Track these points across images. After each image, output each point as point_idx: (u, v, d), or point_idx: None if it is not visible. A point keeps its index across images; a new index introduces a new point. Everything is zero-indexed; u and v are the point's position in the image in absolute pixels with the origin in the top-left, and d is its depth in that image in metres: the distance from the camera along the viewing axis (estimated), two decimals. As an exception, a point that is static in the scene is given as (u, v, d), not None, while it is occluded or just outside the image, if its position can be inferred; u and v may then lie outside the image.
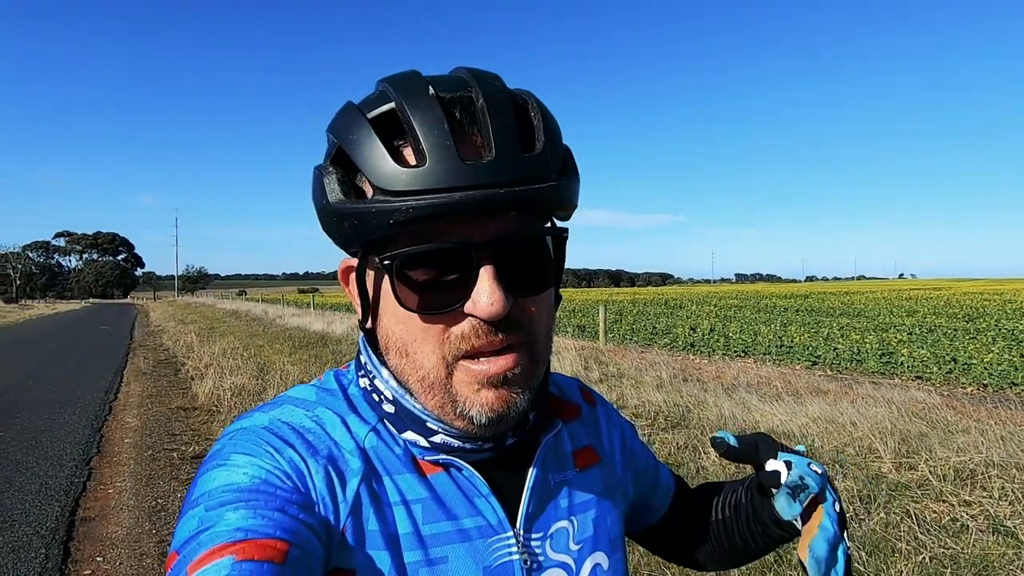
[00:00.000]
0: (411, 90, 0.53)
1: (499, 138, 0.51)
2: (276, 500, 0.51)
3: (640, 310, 26.80)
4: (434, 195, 0.49)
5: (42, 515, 4.08)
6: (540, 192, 0.52)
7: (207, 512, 0.49)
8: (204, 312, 30.86)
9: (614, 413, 0.81)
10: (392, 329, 0.57)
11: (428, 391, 0.56)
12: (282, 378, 8.24)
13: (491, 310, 0.51)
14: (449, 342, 0.54)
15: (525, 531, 0.61)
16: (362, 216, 0.52)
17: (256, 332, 17.09)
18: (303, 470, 0.54)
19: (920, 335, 13.83)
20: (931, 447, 4.49)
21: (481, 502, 0.60)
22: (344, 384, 0.65)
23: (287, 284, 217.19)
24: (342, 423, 0.60)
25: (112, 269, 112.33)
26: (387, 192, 0.51)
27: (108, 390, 8.81)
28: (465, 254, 0.52)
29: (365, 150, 0.53)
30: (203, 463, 0.56)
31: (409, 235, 0.53)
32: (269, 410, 0.61)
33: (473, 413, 0.55)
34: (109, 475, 4.97)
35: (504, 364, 0.54)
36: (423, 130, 0.51)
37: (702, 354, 11.62)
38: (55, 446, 5.78)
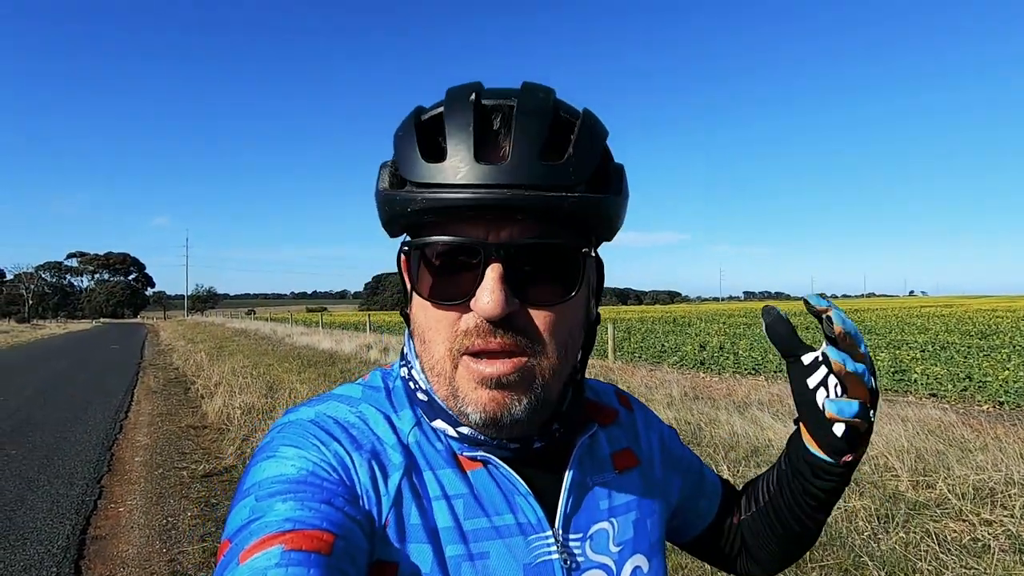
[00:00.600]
0: (456, 96, 0.57)
1: (519, 144, 0.53)
2: (323, 492, 0.52)
3: (648, 328, 26.69)
4: (447, 190, 0.53)
5: (53, 533, 4.08)
6: (551, 200, 0.52)
7: (258, 502, 0.51)
8: (213, 331, 30.99)
9: (653, 417, 0.81)
10: (417, 315, 0.60)
11: (437, 380, 0.58)
12: (291, 396, 8.24)
13: (487, 308, 0.52)
14: (455, 335, 0.56)
15: (564, 531, 0.62)
16: (391, 202, 0.56)
17: (265, 351, 17.13)
18: (348, 463, 0.56)
19: (933, 352, 13.66)
20: (949, 465, 4.42)
21: (520, 500, 0.61)
22: (388, 382, 0.67)
23: (296, 303, 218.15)
24: (385, 419, 0.61)
25: (123, 289, 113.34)
26: (411, 183, 0.55)
27: (119, 408, 8.84)
28: (475, 251, 0.54)
29: (402, 145, 0.57)
30: (253, 455, 0.58)
31: (433, 227, 0.56)
32: (315, 405, 0.63)
33: (469, 410, 0.56)
34: (120, 493, 4.96)
35: (500, 368, 0.54)
36: (450, 131, 0.55)
37: (712, 372, 11.53)
38: (66, 464, 5.79)
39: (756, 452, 5.22)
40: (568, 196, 0.53)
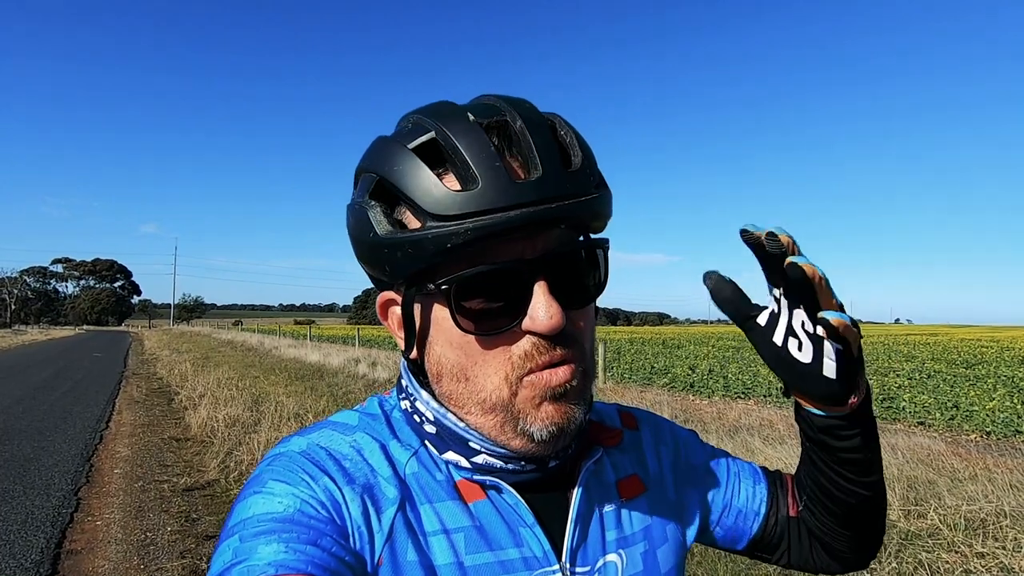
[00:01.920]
0: (450, 118, 0.55)
1: (543, 156, 0.53)
2: (310, 532, 0.50)
3: (638, 349, 26.71)
4: (490, 215, 0.50)
5: (27, 546, 3.95)
6: (585, 205, 0.54)
7: (242, 543, 0.49)
8: (199, 341, 30.63)
9: (664, 428, 0.77)
10: (447, 356, 0.57)
11: (488, 412, 0.56)
12: (277, 410, 8.11)
13: (550, 324, 0.52)
14: (511, 362, 0.54)
15: (571, 564, 0.59)
16: (418, 243, 0.52)
17: (252, 363, 16.93)
18: (339, 499, 0.53)
19: (920, 380, 13.74)
20: (940, 495, 4.40)
21: (526, 532, 0.58)
22: (387, 409, 0.65)
23: (284, 315, 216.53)
24: (381, 449, 0.59)
25: (108, 296, 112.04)
26: (440, 217, 0.51)
27: (100, 419, 8.65)
28: (519, 272, 0.53)
29: (414, 178, 0.53)
30: (243, 488, 0.55)
31: (457, 260, 0.53)
32: (308, 434, 0.60)
33: (534, 429, 0.55)
34: (98, 506, 4.83)
35: (563, 375, 0.55)
36: (470, 154, 0.52)
37: (701, 395, 11.52)
38: (43, 475, 5.64)
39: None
40: (593, 198, 0.55)
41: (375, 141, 0.59)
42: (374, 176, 0.56)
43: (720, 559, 3.48)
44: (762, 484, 0.76)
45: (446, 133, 0.53)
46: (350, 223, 0.59)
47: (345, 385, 11.50)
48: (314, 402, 9.17)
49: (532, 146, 0.53)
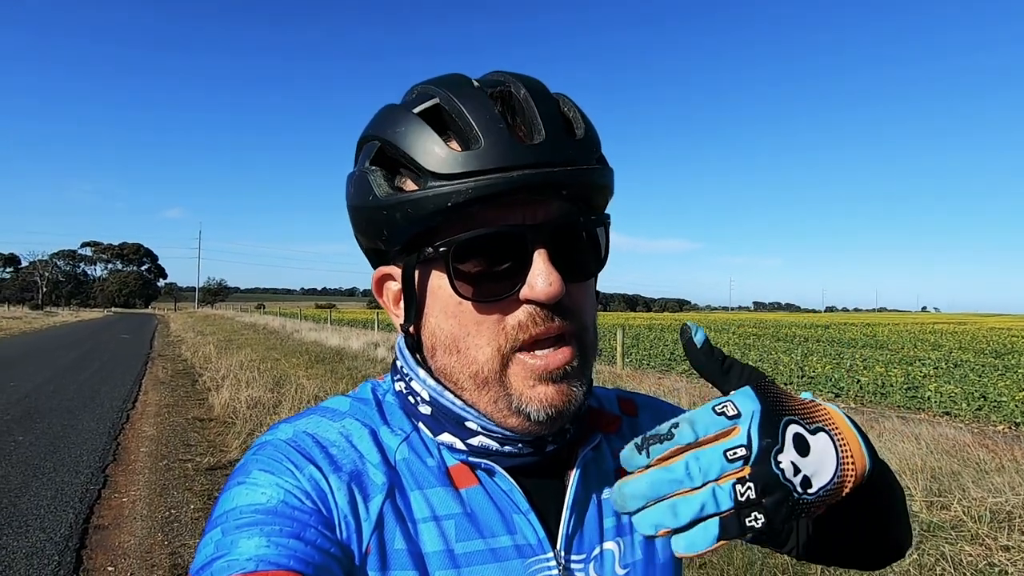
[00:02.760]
0: (455, 84, 0.55)
1: (547, 123, 0.52)
2: (294, 524, 0.49)
3: (657, 335, 26.56)
4: (492, 175, 0.50)
5: (56, 521, 4.07)
6: (587, 173, 0.53)
7: (224, 536, 0.48)
8: (223, 324, 31.19)
9: (666, 412, 0.74)
10: (441, 326, 0.56)
11: (481, 387, 0.55)
12: (297, 392, 8.23)
13: (549, 291, 0.51)
14: (505, 332, 0.53)
15: (566, 552, 0.58)
16: (418, 203, 0.51)
17: (273, 345, 17.19)
18: (324, 488, 0.52)
19: (947, 370, 13.47)
20: (964, 486, 4.32)
21: (519, 519, 0.57)
22: (379, 394, 0.64)
23: (305, 299, 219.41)
24: (371, 435, 0.58)
25: (135, 279, 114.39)
26: (442, 176, 0.51)
27: (126, 398, 8.87)
28: (520, 237, 0.52)
29: (416, 138, 0.53)
30: (229, 477, 0.55)
31: (457, 223, 0.52)
32: (296, 421, 0.59)
33: (531, 410, 0.53)
34: (124, 483, 4.96)
35: (562, 357, 0.53)
36: (475, 115, 0.52)
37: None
38: (72, 452, 5.80)
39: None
40: (597, 169, 0.54)
41: (380, 110, 0.59)
42: (376, 143, 0.56)
43: (736, 546, 3.45)
44: None
45: (450, 97, 0.53)
46: (349, 192, 0.58)
47: (364, 368, 11.62)
48: (334, 384, 9.29)
49: (536, 113, 0.53)
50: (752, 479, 0.40)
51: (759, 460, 0.40)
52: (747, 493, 0.39)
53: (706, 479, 0.40)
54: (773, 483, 0.40)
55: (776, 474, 0.40)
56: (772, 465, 0.40)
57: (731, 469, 0.40)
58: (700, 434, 0.41)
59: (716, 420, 0.42)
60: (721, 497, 0.39)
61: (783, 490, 0.40)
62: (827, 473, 0.42)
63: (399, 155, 0.53)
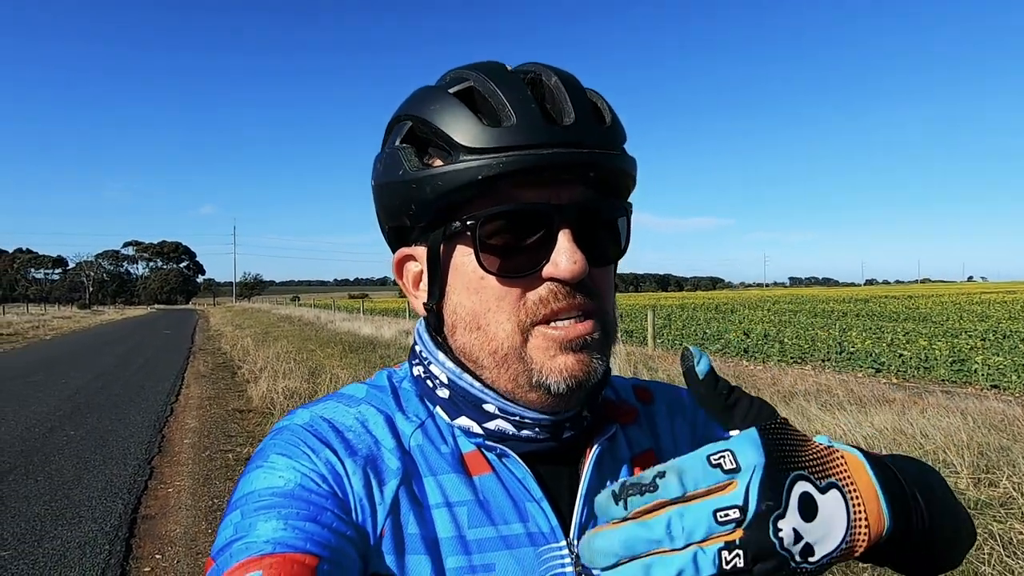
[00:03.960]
0: (488, 68, 0.57)
1: (577, 107, 0.54)
2: (310, 507, 0.50)
3: (689, 315, 26.23)
4: (523, 151, 0.51)
5: (107, 512, 4.25)
6: (616, 159, 0.55)
7: (243, 519, 0.49)
8: (259, 317, 31.96)
9: (683, 399, 0.72)
10: (463, 303, 0.56)
11: (501, 364, 0.55)
12: (332, 382, 8.40)
13: (573, 269, 0.52)
14: (525, 308, 0.54)
15: (579, 541, 0.56)
16: (448, 176, 0.52)
17: (308, 336, 17.54)
18: (340, 471, 0.53)
19: (995, 341, 12.96)
20: (1014, 462, 4.15)
21: (532, 507, 0.57)
22: (395, 381, 0.64)
23: (338, 290, 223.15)
24: (386, 421, 0.58)
25: (176, 276, 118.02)
26: (473, 151, 0.52)
27: (170, 392, 9.18)
28: (547, 215, 0.53)
29: (449, 115, 0.54)
30: (249, 461, 0.56)
31: (485, 200, 0.53)
32: (313, 407, 0.60)
33: (551, 381, 0.54)
34: (169, 474, 5.14)
35: (583, 328, 0.54)
36: (508, 95, 0.53)
37: (756, 360, 11.22)
38: (120, 445, 6.04)
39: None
40: (624, 155, 0.57)
41: (416, 89, 0.60)
42: (407, 122, 0.57)
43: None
44: None
45: (484, 79, 0.55)
46: (377, 171, 0.59)
47: (397, 357, 11.77)
48: (367, 374, 9.42)
49: (566, 98, 0.54)
50: (743, 545, 0.34)
51: (754, 526, 0.35)
52: (734, 561, 0.34)
53: (689, 540, 0.34)
54: (767, 552, 0.34)
55: (772, 543, 0.35)
56: (770, 532, 0.35)
57: (720, 532, 0.34)
58: (688, 488, 0.35)
59: (709, 473, 0.36)
60: (703, 563, 0.34)
61: (778, 560, 0.35)
62: (834, 540, 0.37)
63: (431, 132, 0.55)
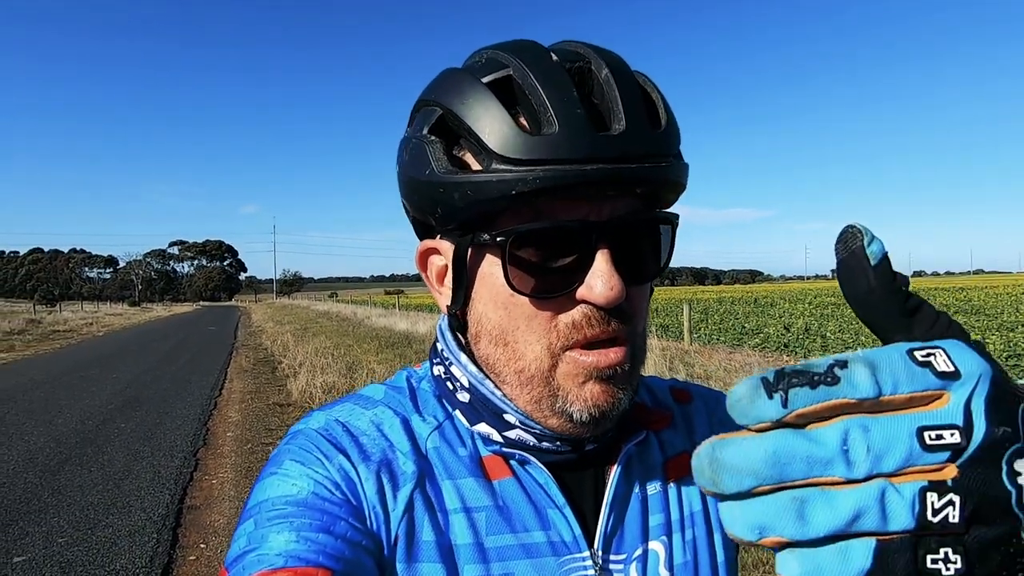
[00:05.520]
0: (531, 55, 0.50)
1: (629, 110, 0.48)
2: (323, 517, 0.49)
3: (727, 309, 25.72)
4: (563, 165, 0.46)
5: (155, 502, 4.41)
6: (666, 171, 0.50)
7: (256, 529, 0.48)
8: (299, 313, 32.69)
9: (723, 401, 0.67)
10: (488, 315, 0.53)
11: (526, 384, 0.52)
12: (368, 376, 8.53)
13: (610, 295, 0.48)
14: (557, 331, 0.51)
15: (604, 551, 0.55)
16: (479, 186, 0.48)
17: (346, 332, 17.86)
18: (353, 478, 0.52)
19: (1055, 335, 12.32)
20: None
21: (554, 514, 0.54)
22: (414, 383, 0.62)
23: (374, 286, 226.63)
24: (402, 423, 0.56)
25: (219, 274, 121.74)
26: (508, 160, 0.47)
27: (214, 387, 9.46)
28: (584, 235, 0.49)
29: (483, 113, 0.49)
30: (264, 466, 0.55)
31: (517, 211, 0.49)
32: (328, 409, 0.59)
33: (574, 410, 0.51)
34: (213, 466, 5.30)
35: (615, 357, 0.50)
36: (550, 95, 0.47)
37: (797, 355, 10.93)
38: (167, 438, 6.26)
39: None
40: (675, 165, 0.51)
41: (442, 73, 0.55)
42: (436, 109, 0.52)
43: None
44: None
45: (525, 71, 0.49)
46: (403, 159, 0.55)
47: (432, 352, 11.87)
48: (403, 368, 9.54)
49: (618, 98, 0.49)
50: (960, 488, 0.22)
51: (980, 458, 0.22)
52: (945, 512, 0.22)
53: (876, 469, 0.22)
54: (996, 504, 0.22)
55: (1007, 491, 0.22)
56: (1003, 473, 0.22)
57: (924, 463, 0.22)
58: (884, 389, 0.23)
59: (914, 372, 0.23)
60: (894, 509, 0.22)
61: (1010, 522, 0.22)
62: None
63: (462, 128, 0.50)
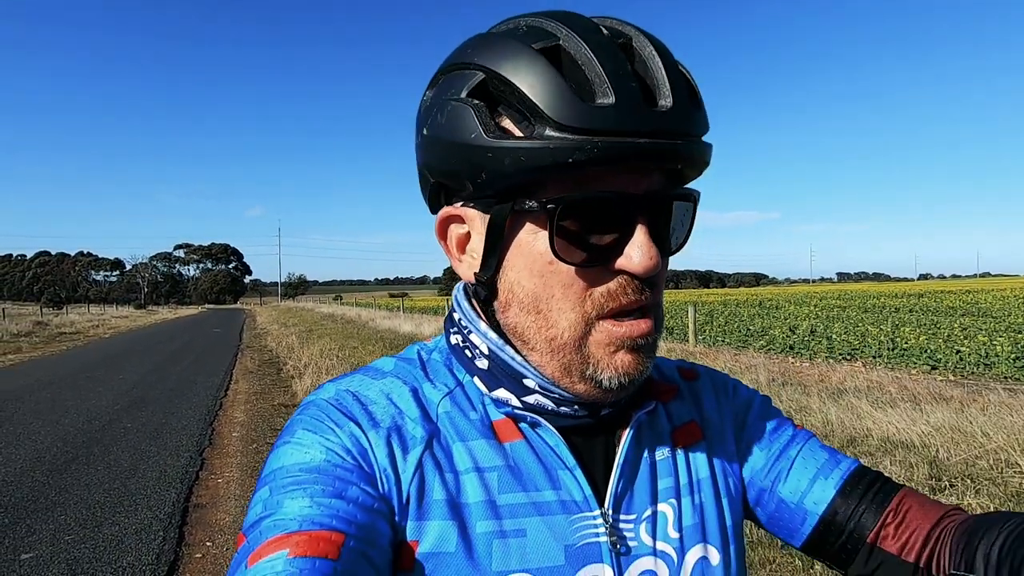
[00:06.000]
0: (580, 25, 0.50)
1: (674, 87, 0.49)
2: (336, 483, 0.50)
3: (732, 311, 25.65)
4: (620, 137, 0.47)
5: (161, 500, 4.42)
6: (705, 150, 0.52)
7: (271, 495, 0.49)
8: (304, 316, 32.76)
9: (729, 384, 0.70)
10: (522, 283, 0.53)
11: (557, 351, 0.53)
12: (374, 377, 8.52)
13: (648, 264, 0.49)
14: (592, 300, 0.51)
15: (614, 511, 0.56)
16: (534, 152, 0.47)
17: (351, 334, 17.88)
18: (364, 444, 0.53)
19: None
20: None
21: (565, 475, 0.55)
22: (424, 355, 0.63)
23: (379, 289, 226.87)
24: (412, 392, 0.58)
25: (224, 277, 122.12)
26: (566, 128, 0.47)
27: (219, 387, 9.49)
28: (627, 207, 0.50)
29: (539, 79, 0.48)
30: (279, 435, 0.56)
31: (559, 181, 0.50)
32: (339, 380, 0.60)
33: (604, 377, 0.52)
34: (219, 465, 5.32)
35: (645, 327, 0.52)
36: (607, 67, 0.47)
37: (802, 356, 10.89)
38: (173, 437, 6.27)
39: (853, 442, 4.87)
40: (709, 145, 0.53)
41: (481, 37, 0.53)
42: (477, 73, 0.51)
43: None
44: (829, 481, 0.61)
45: (576, 40, 0.49)
46: (437, 122, 0.52)
47: (436, 353, 11.87)
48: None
49: (664, 75, 0.49)
50: None
51: None
52: None
53: None
54: None
55: None
56: None
57: None
58: None
59: None
60: None
61: None
62: None
63: (510, 93, 0.49)
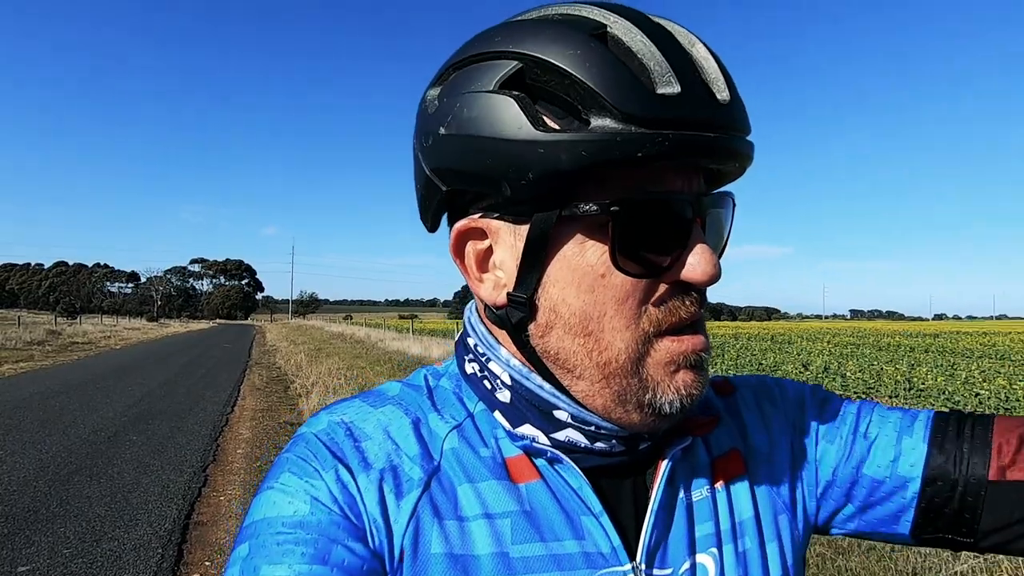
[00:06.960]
0: (629, 12, 0.46)
1: (730, 82, 0.46)
2: (319, 542, 0.45)
3: (744, 344, 25.37)
4: (689, 130, 0.42)
5: (161, 516, 4.36)
6: (753, 149, 0.48)
7: (250, 557, 0.45)
8: (313, 334, 32.82)
9: (770, 385, 0.63)
10: (568, 301, 0.47)
11: (611, 378, 0.47)
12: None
13: (713, 272, 0.45)
14: (648, 315, 0.46)
15: (647, 565, 0.49)
16: (596, 147, 0.41)
17: (359, 354, 17.85)
18: (352, 491, 0.47)
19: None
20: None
21: (590, 522, 0.49)
22: (432, 381, 0.57)
23: (388, 310, 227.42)
24: (412, 425, 0.51)
25: (237, 293, 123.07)
26: (632, 119, 0.41)
27: (226, 403, 9.45)
28: (687, 208, 0.45)
29: (598, 66, 0.42)
30: (267, 474, 0.51)
31: (613, 182, 0.44)
32: (334, 408, 0.54)
33: (665, 401, 0.47)
34: (222, 483, 5.25)
35: (703, 342, 0.48)
36: (670, 56, 0.43)
37: (816, 394, 10.67)
38: (178, 452, 6.22)
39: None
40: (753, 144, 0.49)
41: (500, 26, 0.48)
42: (511, 62, 0.45)
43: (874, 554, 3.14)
44: (915, 438, 0.54)
45: (629, 28, 0.44)
46: (464, 117, 0.45)
47: (444, 377, 11.80)
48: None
49: (717, 68, 0.46)
50: None
51: None
52: None
53: None
54: None
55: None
56: None
57: None
58: None
59: None
60: None
61: None
62: None
63: (557, 82, 0.43)
